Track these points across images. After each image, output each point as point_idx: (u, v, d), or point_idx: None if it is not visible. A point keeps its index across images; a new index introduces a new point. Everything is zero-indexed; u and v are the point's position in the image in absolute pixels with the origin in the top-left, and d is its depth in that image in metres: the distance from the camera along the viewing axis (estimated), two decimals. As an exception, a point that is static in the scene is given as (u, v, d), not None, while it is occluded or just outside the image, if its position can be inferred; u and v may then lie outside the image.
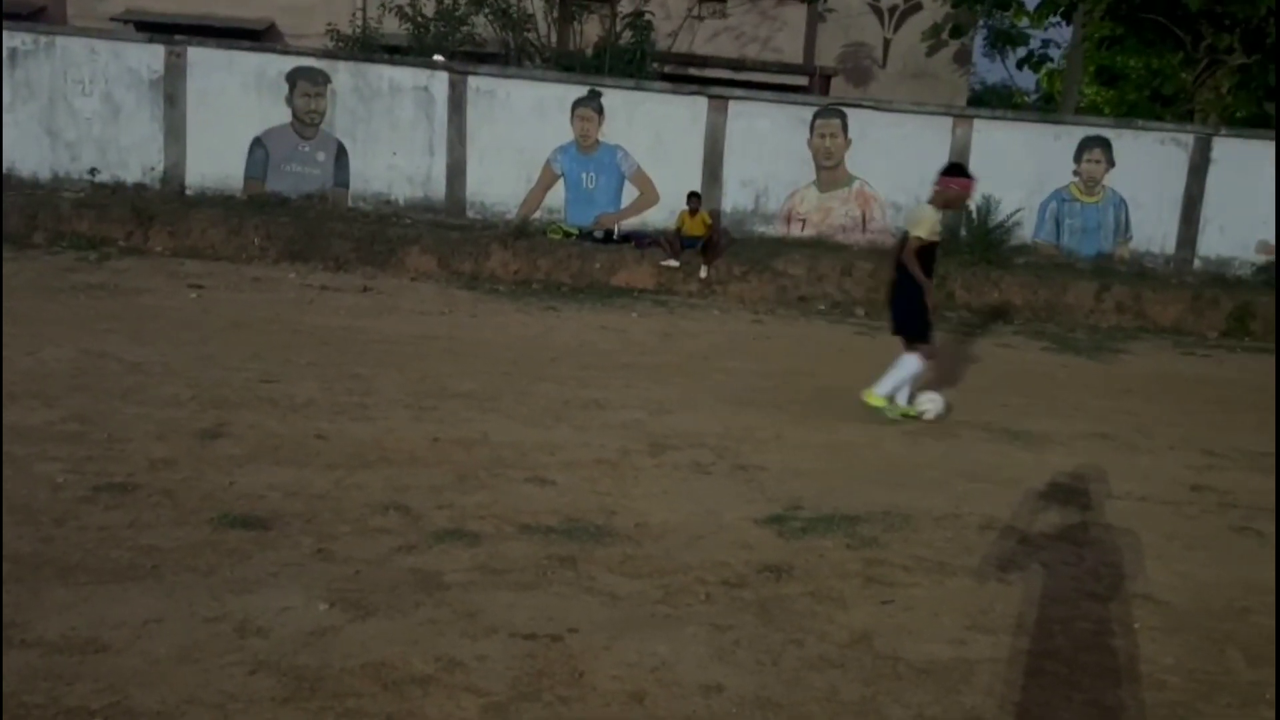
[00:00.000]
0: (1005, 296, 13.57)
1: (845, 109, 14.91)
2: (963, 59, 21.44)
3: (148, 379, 6.94)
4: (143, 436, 5.71)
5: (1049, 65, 22.62)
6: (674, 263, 13.20)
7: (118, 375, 6.97)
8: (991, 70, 35.89)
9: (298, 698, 3.23)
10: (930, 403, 7.54)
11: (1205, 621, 4.32)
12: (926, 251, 7.29)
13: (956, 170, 7.60)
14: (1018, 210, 14.65)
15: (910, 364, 7.38)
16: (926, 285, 7.25)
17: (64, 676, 3.23)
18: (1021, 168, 14.72)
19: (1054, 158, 14.80)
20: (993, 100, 29.47)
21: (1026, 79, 31.45)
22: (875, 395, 7.39)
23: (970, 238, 14.41)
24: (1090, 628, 4.17)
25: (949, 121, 14.87)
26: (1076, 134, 14.96)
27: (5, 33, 14.00)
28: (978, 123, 14.91)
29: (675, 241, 13.29)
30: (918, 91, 19.20)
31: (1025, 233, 14.83)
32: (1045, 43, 21.23)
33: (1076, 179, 14.91)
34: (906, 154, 14.61)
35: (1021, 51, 21.06)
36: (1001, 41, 21.23)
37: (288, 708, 3.17)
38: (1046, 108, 28.00)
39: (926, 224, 7.26)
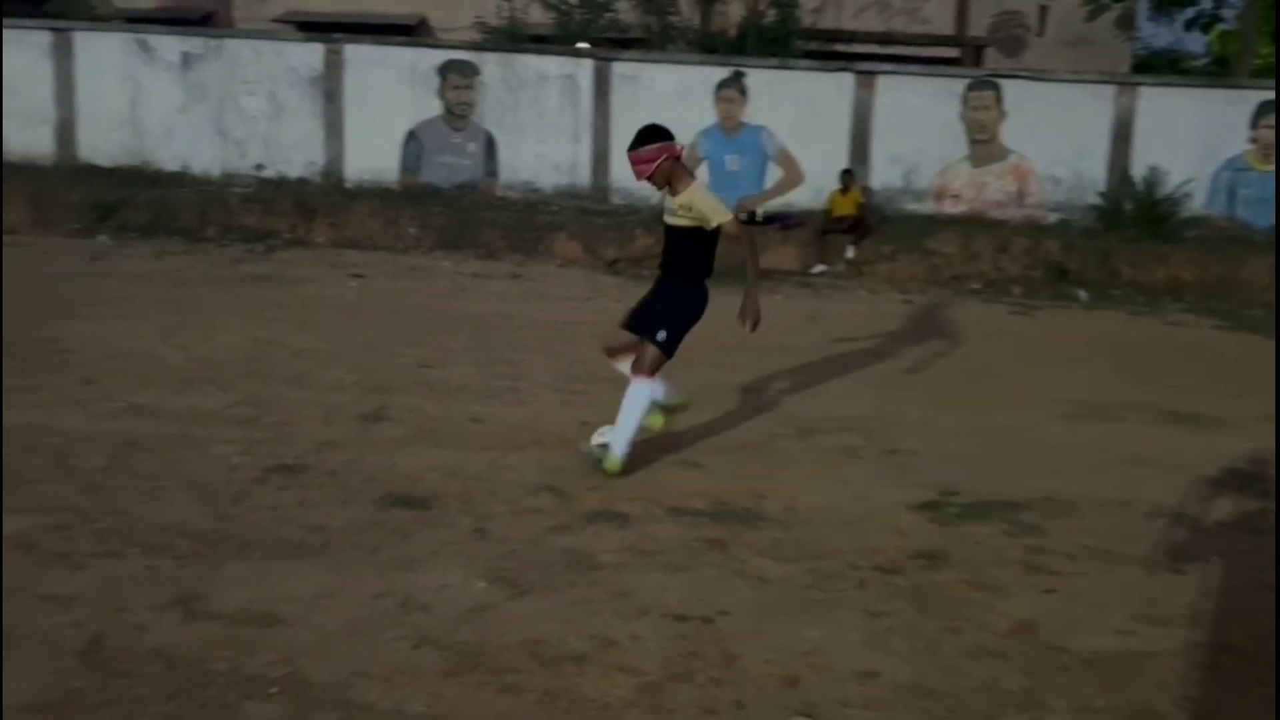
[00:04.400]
0: (1174, 272, 12.87)
1: (999, 80, 14.40)
2: (1126, 24, 20.35)
3: (313, 365, 7.26)
4: (309, 420, 5.97)
5: (1220, 26, 21.27)
6: (822, 267, 13.02)
7: (285, 361, 7.32)
8: (1157, 34, 33.96)
9: (459, 672, 3.34)
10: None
11: (1402, 618, 4.03)
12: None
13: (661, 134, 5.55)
14: (1188, 181, 13.88)
15: (644, 393, 5.32)
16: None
17: (243, 647, 3.41)
18: (1191, 136, 13.94)
19: (1227, 124, 13.99)
20: (1158, 65, 27.93)
21: (1196, 41, 29.64)
22: (615, 460, 5.23)
23: (1136, 211, 13.74)
24: (1270, 621, 3.94)
25: (1112, 90, 14.21)
26: (1252, 98, 14.09)
27: (179, 39, 14.83)
28: (1143, 90, 14.20)
29: (820, 245, 13.03)
30: (1077, 60, 18.32)
31: (1196, 204, 14.05)
32: (1217, 2, 19.97)
33: (1253, 146, 14.03)
34: (1066, 126, 14.05)
35: (1190, 12, 19.89)
36: (1168, 2, 20.08)
37: (450, 681, 3.28)
38: (1218, 71, 26.39)
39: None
